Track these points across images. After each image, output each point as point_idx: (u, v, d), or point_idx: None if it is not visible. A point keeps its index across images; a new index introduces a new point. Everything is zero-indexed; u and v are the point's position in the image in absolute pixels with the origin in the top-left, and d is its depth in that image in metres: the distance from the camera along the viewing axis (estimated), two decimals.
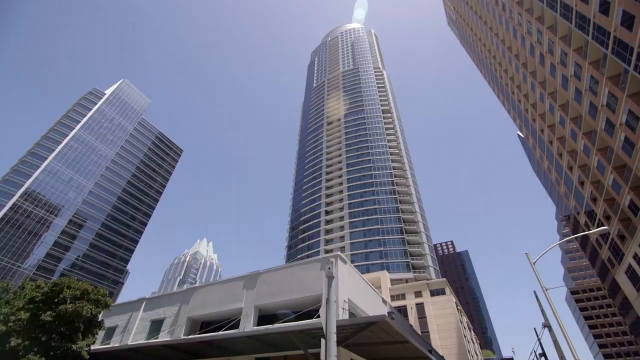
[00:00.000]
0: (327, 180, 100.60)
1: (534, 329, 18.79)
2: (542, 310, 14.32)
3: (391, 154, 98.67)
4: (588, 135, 38.75)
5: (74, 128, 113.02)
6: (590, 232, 12.94)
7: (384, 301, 18.25)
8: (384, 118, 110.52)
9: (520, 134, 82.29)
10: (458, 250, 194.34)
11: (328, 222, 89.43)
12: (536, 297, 14.63)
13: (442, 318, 56.68)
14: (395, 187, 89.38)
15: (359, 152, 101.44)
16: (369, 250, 77.94)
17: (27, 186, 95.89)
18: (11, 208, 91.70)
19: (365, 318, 9.10)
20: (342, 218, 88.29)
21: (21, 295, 15.35)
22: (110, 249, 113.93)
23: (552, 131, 50.01)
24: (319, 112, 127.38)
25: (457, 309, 59.56)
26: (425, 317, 57.66)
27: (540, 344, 18.05)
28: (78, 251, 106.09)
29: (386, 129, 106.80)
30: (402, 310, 58.06)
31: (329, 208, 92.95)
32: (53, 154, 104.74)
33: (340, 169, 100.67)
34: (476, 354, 66.68)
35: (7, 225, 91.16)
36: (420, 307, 59.26)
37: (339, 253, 14.35)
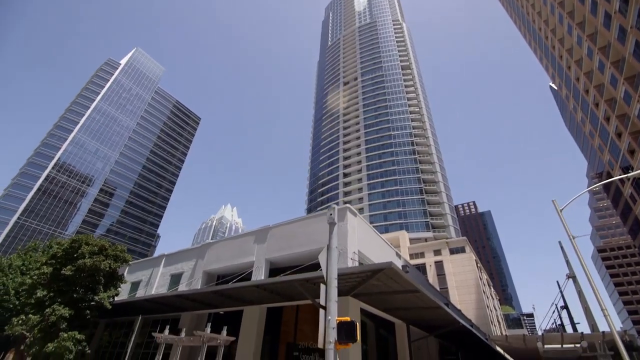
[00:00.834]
0: (345, 143, 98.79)
1: (557, 282, 18.07)
2: (567, 261, 13.48)
3: (411, 112, 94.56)
4: (630, 80, 34.77)
5: (94, 100, 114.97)
6: (630, 174, 11.54)
7: (398, 255, 17.89)
8: (404, 75, 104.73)
9: (553, 85, 75.87)
10: (480, 210, 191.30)
11: (346, 184, 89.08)
12: (561, 247, 13.72)
13: (461, 275, 56.88)
14: (415, 147, 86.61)
15: (377, 113, 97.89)
16: (387, 211, 77.71)
17: (57, 158, 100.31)
18: (46, 179, 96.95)
19: (370, 265, 8.66)
20: (360, 180, 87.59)
21: (48, 252, 15.96)
22: (141, 215, 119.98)
23: (588, 78, 45.44)
24: (335, 72, 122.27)
25: (477, 266, 59.42)
26: (444, 275, 58.06)
27: (563, 296, 17.40)
28: (112, 218, 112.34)
29: (406, 86, 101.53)
30: (421, 268, 58.62)
31: (346, 170, 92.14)
32: (77, 126, 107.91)
33: (358, 130, 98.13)
34: (495, 309, 67.46)
35: (45, 195, 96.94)
36: (439, 265, 59.56)
37: (348, 205, 13.83)
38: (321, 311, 6.81)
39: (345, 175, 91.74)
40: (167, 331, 9.24)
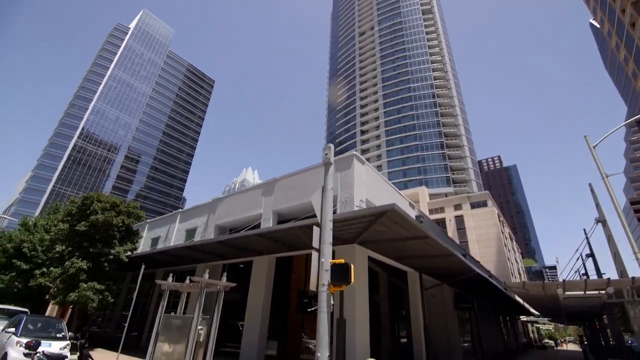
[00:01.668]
0: (362, 99, 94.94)
1: (584, 229, 16.94)
2: (597, 204, 12.30)
3: (432, 62, 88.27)
4: None
5: (109, 67, 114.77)
6: None
7: (412, 205, 17.20)
8: (424, 20, 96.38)
9: (594, 21, 67.43)
10: (506, 165, 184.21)
11: (364, 142, 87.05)
12: (591, 190, 12.48)
13: (482, 229, 56.05)
14: (437, 99, 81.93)
15: (396, 64, 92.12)
16: (406, 167, 76.02)
17: (81, 127, 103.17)
18: (73, 148, 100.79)
19: (372, 208, 8.03)
20: (378, 137, 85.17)
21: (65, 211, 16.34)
22: (166, 180, 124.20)
23: (636, 9, 39.59)
24: (349, 23, 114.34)
25: (499, 220, 58.19)
26: (465, 229, 57.46)
27: (589, 243, 16.38)
28: (139, 183, 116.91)
29: (427, 33, 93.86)
30: (440, 223, 58.15)
31: (364, 127, 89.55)
32: (96, 95, 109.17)
33: (375, 84, 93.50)
34: (517, 262, 67.07)
35: (75, 164, 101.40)
36: (459, 220, 58.78)
37: (355, 152, 13.00)
38: (314, 254, 6.36)
39: (363, 132, 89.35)
40: (170, 279, 9.28)
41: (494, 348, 26.00)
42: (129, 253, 15.51)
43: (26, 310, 13.34)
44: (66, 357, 8.03)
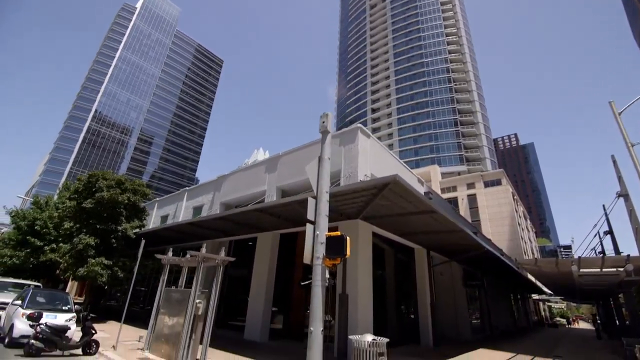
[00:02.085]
0: (373, 75, 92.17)
1: (603, 205, 16.10)
2: (620, 177, 11.49)
3: (447, 34, 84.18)
4: None
5: (117, 49, 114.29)
6: None
7: (421, 182, 16.64)
8: None
9: None
10: (522, 143, 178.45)
11: (375, 120, 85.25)
12: (614, 162, 11.64)
13: (495, 208, 54.96)
14: (451, 74, 78.72)
15: (408, 38, 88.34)
16: (418, 145, 74.37)
17: (94, 110, 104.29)
18: (87, 131, 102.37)
19: (373, 180, 7.59)
20: (389, 115, 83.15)
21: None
22: (179, 161, 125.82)
23: None
24: None
25: (513, 198, 56.83)
26: (477, 208, 56.47)
27: (608, 219, 15.61)
28: (153, 165, 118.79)
29: (441, 3, 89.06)
30: (452, 202, 57.25)
31: (375, 105, 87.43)
32: (107, 77, 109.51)
33: (387, 60, 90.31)
34: (530, 241, 65.98)
35: (90, 146, 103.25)
36: (472, 198, 57.71)
37: (359, 125, 12.42)
38: (309, 226, 6.04)
39: (374, 110, 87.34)
40: (170, 253, 9.22)
41: (504, 326, 25.86)
42: (136, 230, 15.64)
43: (39, 284, 13.76)
44: (69, 328, 8.14)
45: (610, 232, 16.24)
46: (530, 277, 22.35)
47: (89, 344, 8.27)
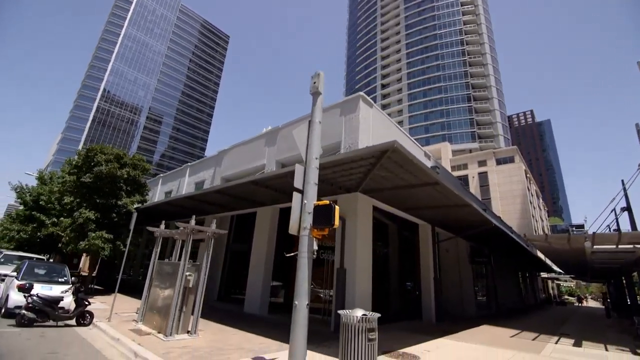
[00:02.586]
0: (383, 49, 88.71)
1: (621, 180, 15.17)
2: None
3: (462, 3, 79.58)
4: None
5: (122, 26, 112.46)
6: None
7: (427, 156, 15.93)
8: None
9: None
10: (538, 120, 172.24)
11: (384, 96, 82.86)
12: (638, 130, 10.70)
13: (507, 186, 53.64)
14: (465, 46, 75.05)
15: (421, 8, 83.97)
16: (429, 122, 72.33)
17: (102, 89, 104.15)
18: (97, 110, 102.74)
19: (370, 148, 7.01)
20: (399, 90, 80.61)
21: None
22: (189, 140, 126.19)
23: None
24: None
25: (526, 176, 55.27)
26: (488, 186, 55.23)
27: (626, 194, 14.72)
28: (163, 144, 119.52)
29: None
30: (463, 179, 56.04)
31: (385, 81, 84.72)
32: (113, 55, 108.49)
33: (398, 32, 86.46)
34: (542, 220, 64.78)
35: (100, 126, 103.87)
36: (483, 176, 56.36)
37: (361, 93, 11.67)
38: (296, 195, 5.58)
39: (384, 86, 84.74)
40: (162, 226, 8.99)
41: (511, 303, 25.64)
42: (137, 205, 15.53)
43: (42, 257, 13.93)
44: (62, 299, 8.09)
45: (628, 208, 15.38)
46: (539, 254, 21.79)
47: (82, 315, 8.24)
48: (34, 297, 7.66)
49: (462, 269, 18.37)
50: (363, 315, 4.97)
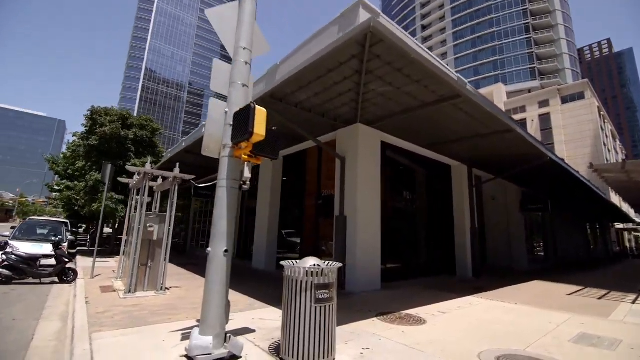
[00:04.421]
0: None
1: None
2: None
3: None
4: None
5: (154, 1, 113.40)
6: None
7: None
8: None
9: None
10: (617, 50, 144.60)
11: (425, 39, 74.33)
12: None
13: (575, 127, 46.10)
14: None
15: None
16: (478, 62, 63.88)
17: (144, 67, 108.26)
18: (142, 89, 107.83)
19: (339, 39, 4.91)
20: (442, 30, 71.58)
21: None
22: None
23: None
24: None
25: (599, 115, 46.85)
26: (551, 129, 48.02)
27: None
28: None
29: None
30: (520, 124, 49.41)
31: (425, 21, 75.60)
32: (149, 33, 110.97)
33: None
34: None
35: (148, 104, 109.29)
36: (544, 119, 48.99)
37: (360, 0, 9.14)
38: (214, 102, 3.94)
39: (424, 27, 75.85)
40: (135, 176, 8.09)
41: (574, 256, 22.31)
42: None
43: (65, 221, 14.35)
44: (41, 256, 7.70)
45: None
46: (613, 198, 17.97)
47: (64, 272, 7.84)
48: (10, 255, 7.31)
49: (512, 218, 15.76)
50: (313, 266, 3.37)
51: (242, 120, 3.37)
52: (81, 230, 26.61)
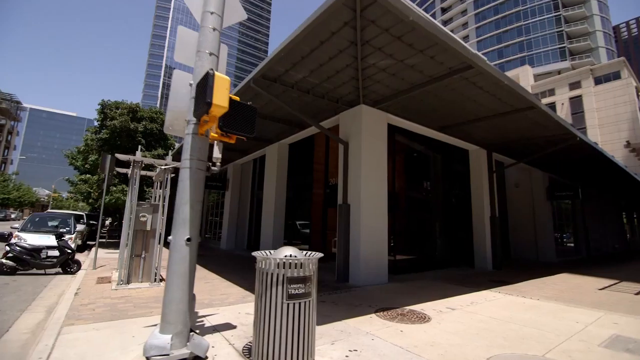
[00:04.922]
0: None
1: None
2: None
3: None
4: None
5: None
6: None
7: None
8: None
9: None
10: None
11: (445, 22, 71.15)
12: None
13: (610, 110, 42.86)
14: None
15: None
16: (503, 44, 60.43)
17: (164, 65, 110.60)
18: (163, 87, 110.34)
19: (321, 7, 4.34)
20: (464, 12, 68.17)
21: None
22: None
23: None
24: None
25: (638, 95, 43.23)
26: (583, 112, 44.89)
27: None
28: None
29: None
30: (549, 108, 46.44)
31: (445, 4, 72.28)
32: (168, 30, 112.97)
33: None
34: None
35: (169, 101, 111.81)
36: (576, 102, 45.84)
37: None
38: (178, 74, 3.54)
39: (444, 10, 72.59)
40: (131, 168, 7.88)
41: (609, 248, 20.75)
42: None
43: (82, 214, 14.66)
44: (45, 247, 7.69)
45: None
46: None
47: (67, 263, 7.84)
48: (13, 246, 7.35)
49: (538, 206, 14.67)
50: (287, 257, 2.92)
51: (201, 91, 2.93)
52: (107, 222, 27.56)
